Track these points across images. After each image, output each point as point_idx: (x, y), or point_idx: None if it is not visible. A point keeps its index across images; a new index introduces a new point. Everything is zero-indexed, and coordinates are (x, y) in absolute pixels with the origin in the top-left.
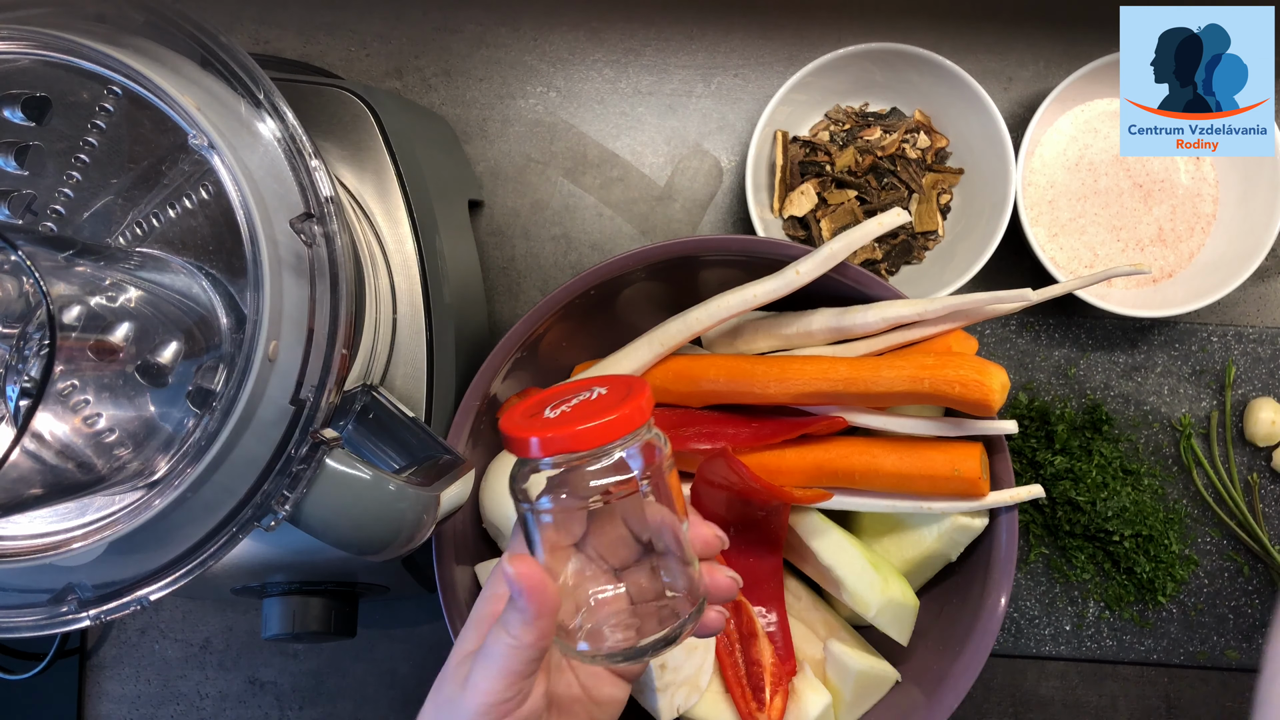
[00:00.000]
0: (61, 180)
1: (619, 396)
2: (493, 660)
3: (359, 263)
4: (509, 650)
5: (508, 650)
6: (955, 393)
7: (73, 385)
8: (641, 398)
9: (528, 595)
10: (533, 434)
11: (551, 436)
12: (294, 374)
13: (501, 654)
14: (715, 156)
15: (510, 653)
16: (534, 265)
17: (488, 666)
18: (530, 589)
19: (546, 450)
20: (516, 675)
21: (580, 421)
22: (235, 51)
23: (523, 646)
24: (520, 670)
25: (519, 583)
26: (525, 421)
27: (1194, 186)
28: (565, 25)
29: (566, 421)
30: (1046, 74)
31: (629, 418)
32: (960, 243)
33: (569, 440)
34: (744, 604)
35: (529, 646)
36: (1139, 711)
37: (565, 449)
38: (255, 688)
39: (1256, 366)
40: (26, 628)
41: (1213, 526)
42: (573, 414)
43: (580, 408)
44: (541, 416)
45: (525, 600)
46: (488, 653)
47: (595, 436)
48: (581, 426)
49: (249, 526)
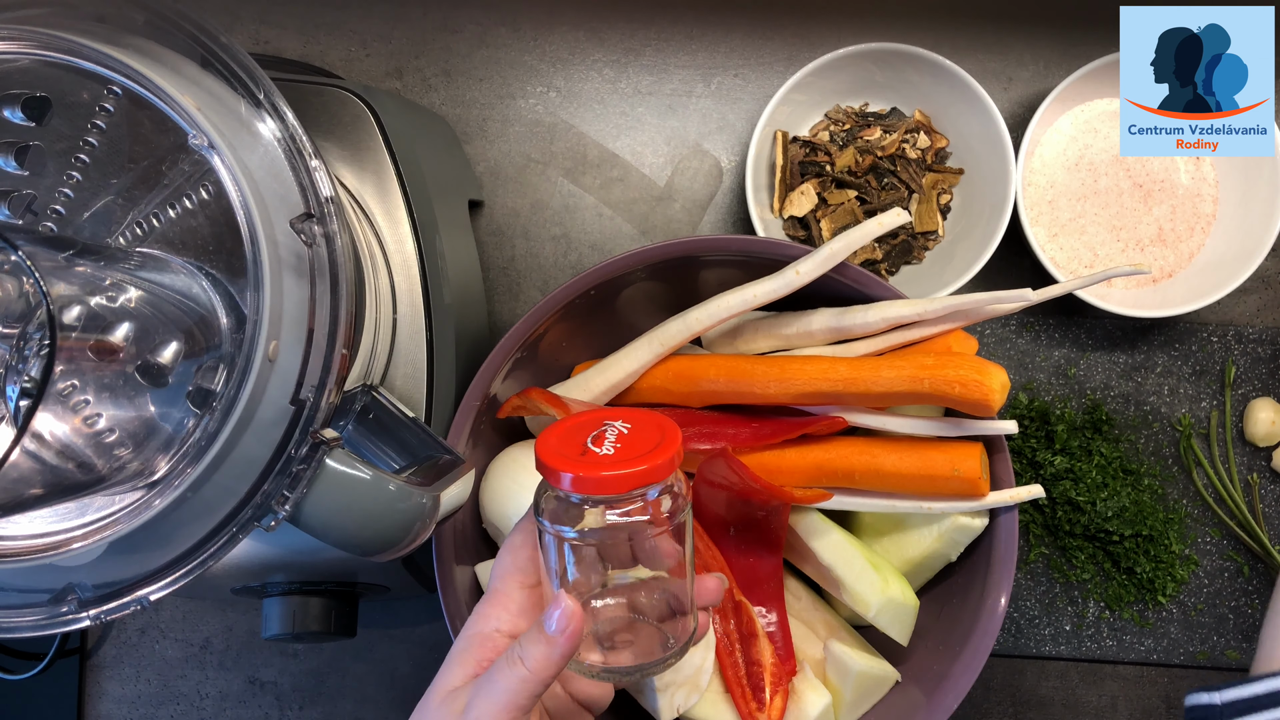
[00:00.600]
0: (61, 180)
1: (652, 441)
2: (500, 692)
3: (359, 263)
4: (519, 684)
5: (518, 684)
6: (955, 393)
7: (73, 385)
8: (674, 448)
9: (570, 636)
10: (568, 469)
11: (585, 477)
12: (294, 374)
13: (510, 687)
14: (715, 156)
15: (520, 686)
16: (534, 265)
17: (493, 698)
18: (575, 632)
19: (578, 488)
20: (520, 709)
21: (615, 465)
22: (235, 51)
23: (536, 681)
24: (525, 704)
25: (570, 622)
26: (561, 451)
27: (1194, 186)
28: (565, 25)
29: (601, 463)
30: (1046, 74)
31: (660, 469)
32: (960, 243)
33: (602, 483)
34: (744, 604)
35: (541, 682)
36: (1139, 711)
37: (597, 491)
38: (255, 688)
39: (1256, 366)
40: (26, 628)
41: (1213, 526)
42: (607, 455)
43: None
44: (577, 447)
45: (566, 640)
46: (497, 686)
47: (627, 482)
48: (616, 472)
49: (249, 526)
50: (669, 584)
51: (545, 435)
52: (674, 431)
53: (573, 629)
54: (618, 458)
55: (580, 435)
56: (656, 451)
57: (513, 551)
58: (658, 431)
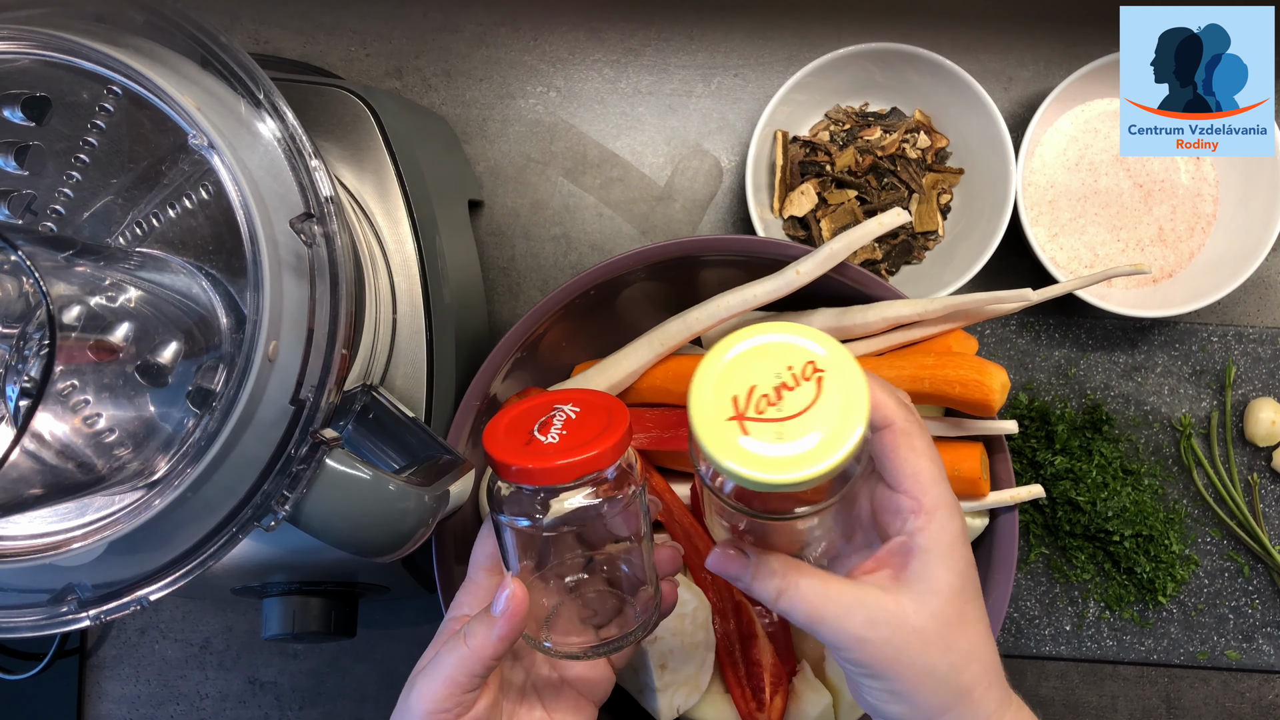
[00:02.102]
0: (61, 180)
1: (599, 426)
2: (439, 669)
3: (359, 263)
4: (459, 660)
5: (457, 660)
6: (955, 393)
7: (73, 385)
8: (620, 433)
9: (509, 617)
10: (513, 460)
11: (530, 468)
12: (294, 374)
13: (451, 663)
14: (715, 156)
15: (459, 662)
16: (534, 265)
17: (433, 675)
18: (515, 612)
19: (524, 479)
20: (458, 686)
21: (560, 454)
22: (235, 51)
23: (474, 659)
24: (463, 682)
25: (510, 603)
26: (507, 442)
27: (1194, 186)
28: (565, 25)
29: (547, 453)
30: (1046, 74)
31: (606, 455)
32: (960, 243)
33: (548, 474)
34: (744, 604)
35: (480, 660)
36: (1139, 711)
37: (543, 481)
38: (255, 688)
39: (1256, 366)
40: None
41: (1213, 526)
42: (554, 443)
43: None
44: (524, 437)
45: (505, 620)
46: (436, 661)
47: (573, 471)
48: (560, 461)
49: (249, 526)
50: (628, 560)
51: (493, 425)
52: (621, 414)
53: (513, 609)
54: (563, 446)
55: (527, 423)
56: (603, 436)
57: (482, 542)
58: (605, 415)
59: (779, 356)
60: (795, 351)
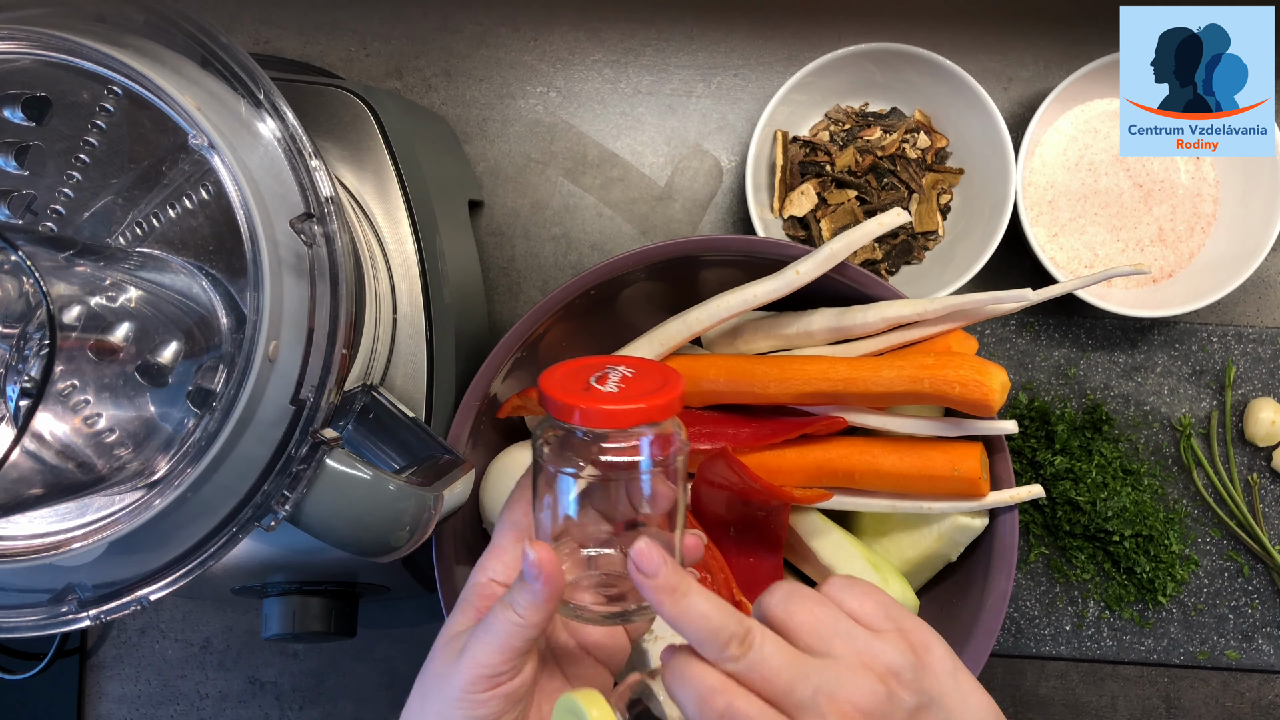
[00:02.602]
0: (61, 180)
1: (655, 384)
2: (494, 635)
3: (359, 263)
4: (513, 628)
5: (512, 628)
6: (955, 393)
7: (73, 385)
8: (677, 391)
9: (545, 581)
10: (572, 401)
11: (589, 409)
12: (294, 374)
13: (504, 630)
14: (715, 156)
15: (514, 630)
16: (534, 265)
17: (488, 640)
18: (548, 575)
19: (584, 420)
20: (515, 651)
21: (619, 401)
22: (235, 51)
23: (527, 625)
24: (519, 647)
25: (538, 568)
26: (566, 386)
27: (1194, 186)
28: (565, 25)
29: (606, 399)
30: (1046, 74)
31: (664, 408)
32: (960, 243)
33: (606, 417)
34: (744, 604)
35: (533, 626)
36: (1139, 711)
37: (600, 424)
38: (255, 688)
39: (1256, 366)
40: (26, 628)
41: (1213, 526)
42: (611, 392)
43: (618, 386)
44: (581, 385)
45: (541, 585)
46: (490, 627)
47: (631, 417)
48: (619, 406)
49: (249, 526)
50: (658, 532)
51: (548, 374)
52: (676, 377)
53: (545, 574)
54: (621, 395)
55: (584, 375)
56: (660, 393)
57: (510, 508)
58: (660, 376)
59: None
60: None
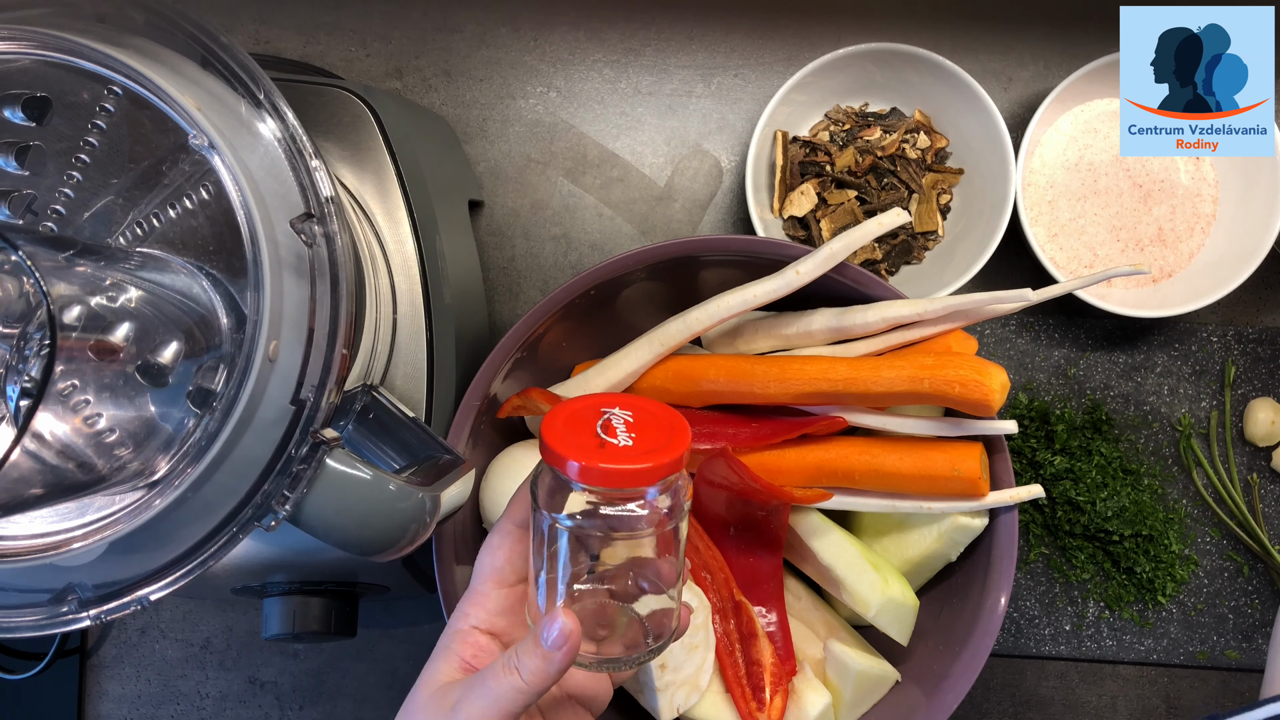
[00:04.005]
0: (62, 180)
1: (663, 435)
2: (494, 699)
3: (359, 263)
4: (515, 693)
5: (513, 692)
6: (955, 393)
7: (73, 385)
8: (685, 445)
9: (567, 653)
10: (574, 457)
11: (590, 467)
12: (294, 374)
13: (505, 694)
14: (715, 156)
15: (515, 695)
16: (534, 265)
17: (487, 703)
18: (571, 649)
19: (584, 478)
20: (511, 715)
21: (623, 459)
22: (235, 51)
23: (530, 692)
24: (515, 712)
25: (565, 639)
26: (567, 437)
27: (1194, 186)
28: (565, 25)
29: (608, 455)
30: (1046, 74)
31: (668, 466)
32: (960, 243)
33: (607, 476)
34: (744, 604)
35: (536, 692)
36: (1139, 711)
37: (601, 483)
38: (255, 688)
39: (1256, 366)
40: (26, 628)
41: (1213, 526)
42: (624, 447)
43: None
44: (584, 435)
45: (561, 656)
46: (489, 689)
47: (633, 478)
48: (622, 466)
49: (249, 526)
50: (658, 578)
51: (551, 418)
52: (684, 428)
53: (570, 647)
54: (625, 452)
55: (589, 420)
56: (668, 447)
57: (491, 552)
58: (667, 426)
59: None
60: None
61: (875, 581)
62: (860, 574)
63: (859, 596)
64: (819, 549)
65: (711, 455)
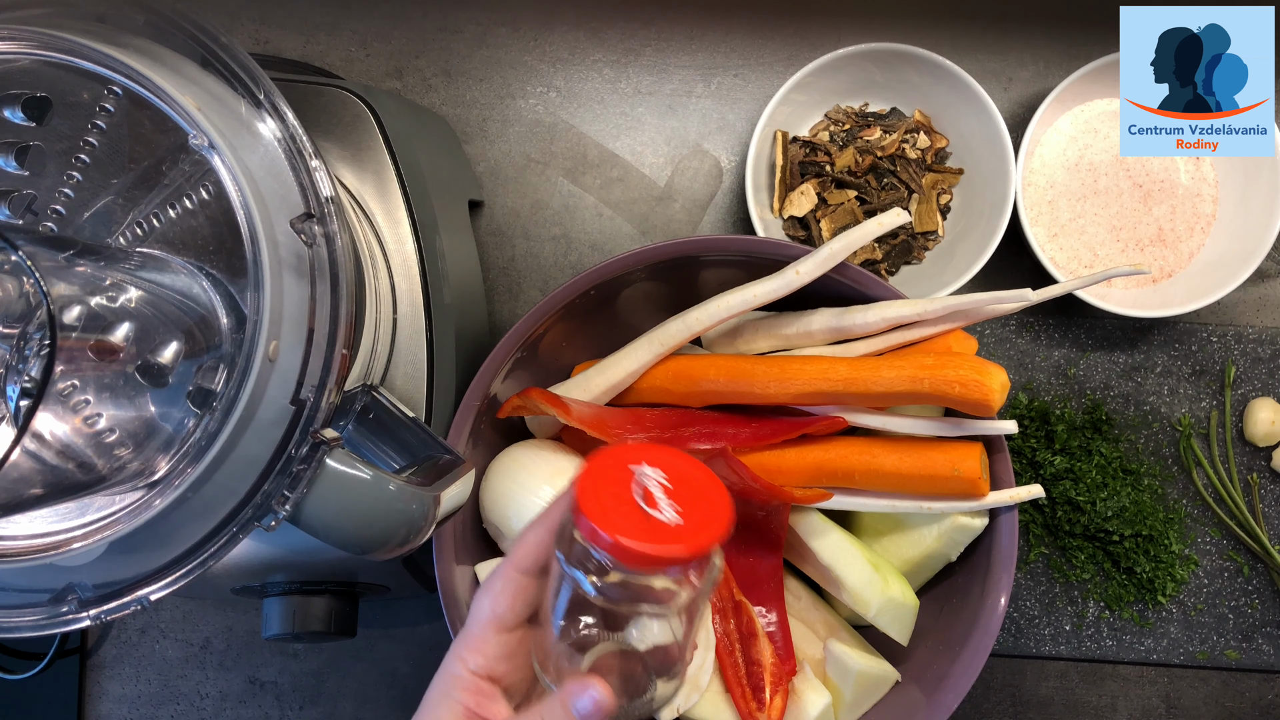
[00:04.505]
0: (62, 180)
1: (703, 505)
2: None
3: (359, 263)
4: None
5: None
6: (955, 393)
7: (73, 385)
8: (729, 517)
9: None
10: (609, 528)
11: (626, 545)
12: (294, 374)
13: None
14: (715, 156)
15: None
16: (534, 265)
17: None
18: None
19: (616, 553)
20: None
21: (659, 537)
22: (235, 51)
23: None
24: None
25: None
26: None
27: (1194, 186)
28: (565, 25)
29: (645, 530)
30: (1046, 74)
31: (704, 548)
32: (960, 243)
33: (641, 557)
34: (744, 604)
35: None
36: (1139, 711)
37: (634, 563)
38: (255, 688)
39: (1256, 366)
40: (26, 628)
41: (1213, 526)
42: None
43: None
44: (623, 504)
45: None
46: None
47: (667, 559)
48: (657, 549)
49: (249, 526)
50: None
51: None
52: (723, 492)
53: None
54: (681, 530)
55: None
56: (715, 520)
57: (493, 598)
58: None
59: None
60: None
61: (875, 581)
62: (860, 574)
63: (859, 596)
64: (819, 549)
65: (711, 455)
